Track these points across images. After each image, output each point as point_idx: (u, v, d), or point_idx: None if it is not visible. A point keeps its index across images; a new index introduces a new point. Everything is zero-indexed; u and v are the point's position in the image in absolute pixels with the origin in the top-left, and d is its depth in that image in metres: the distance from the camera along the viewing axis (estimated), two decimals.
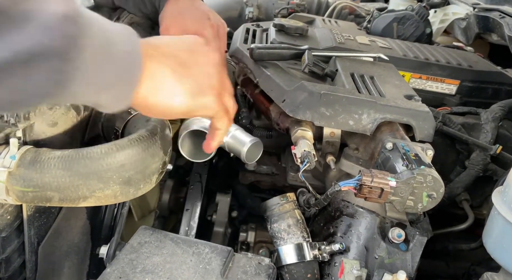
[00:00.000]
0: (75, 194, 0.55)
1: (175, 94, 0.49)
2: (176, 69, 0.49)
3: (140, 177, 0.59)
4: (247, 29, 1.07)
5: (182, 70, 0.49)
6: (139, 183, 0.59)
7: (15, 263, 0.64)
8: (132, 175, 0.58)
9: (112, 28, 0.43)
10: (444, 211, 0.91)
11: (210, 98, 0.52)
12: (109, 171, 0.56)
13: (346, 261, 0.58)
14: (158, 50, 0.48)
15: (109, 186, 0.56)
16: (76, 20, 0.37)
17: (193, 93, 0.50)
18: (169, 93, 0.48)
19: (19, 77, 0.34)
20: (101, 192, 0.56)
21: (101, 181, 0.56)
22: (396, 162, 0.58)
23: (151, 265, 0.54)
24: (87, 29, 0.38)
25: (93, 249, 0.77)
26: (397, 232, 0.61)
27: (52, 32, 0.35)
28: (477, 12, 1.24)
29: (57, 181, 0.54)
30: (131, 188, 0.59)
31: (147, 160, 0.59)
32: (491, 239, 0.56)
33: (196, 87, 0.50)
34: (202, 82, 0.51)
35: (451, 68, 1.02)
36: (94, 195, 0.56)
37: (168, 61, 0.49)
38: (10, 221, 0.61)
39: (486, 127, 0.87)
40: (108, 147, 0.56)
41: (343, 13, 1.57)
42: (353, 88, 0.72)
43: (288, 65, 0.85)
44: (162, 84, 0.47)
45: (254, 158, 0.75)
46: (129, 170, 0.57)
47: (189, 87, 0.50)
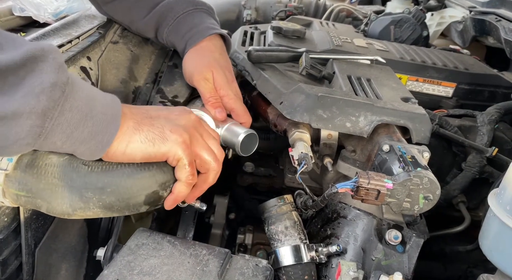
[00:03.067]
0: (60, 207, 0.53)
1: (130, 142, 0.53)
2: (140, 121, 0.54)
3: (123, 206, 0.54)
4: (245, 32, 1.08)
5: (147, 121, 0.55)
6: (123, 210, 0.55)
7: (12, 265, 0.64)
8: (113, 202, 0.53)
9: (99, 95, 0.51)
10: (441, 213, 0.91)
11: (169, 145, 0.54)
12: (89, 190, 0.52)
13: (343, 263, 0.58)
14: (132, 110, 0.55)
15: (89, 207, 0.53)
16: (64, 88, 0.45)
17: (151, 139, 0.54)
18: (126, 142, 0.52)
19: (4, 130, 0.42)
20: (82, 212, 0.53)
21: (82, 200, 0.52)
22: (393, 164, 0.59)
23: (149, 267, 0.54)
24: (73, 96, 0.46)
25: (91, 251, 0.77)
26: (394, 233, 0.61)
27: (39, 96, 0.42)
28: (474, 15, 1.25)
29: (50, 189, 0.52)
30: (114, 213, 0.55)
31: (132, 189, 0.53)
32: (487, 241, 0.56)
33: (157, 134, 0.54)
34: (166, 128, 0.55)
35: (447, 71, 1.03)
36: (76, 214, 0.54)
37: (136, 116, 0.55)
38: (7, 223, 0.61)
39: (482, 129, 0.87)
40: (95, 164, 0.53)
41: (341, 16, 1.58)
42: (350, 91, 0.72)
43: (286, 68, 0.86)
44: (122, 136, 0.52)
45: (250, 150, 0.73)
46: (110, 195, 0.53)
47: (148, 134, 0.54)
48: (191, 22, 0.82)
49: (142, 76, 0.87)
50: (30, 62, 0.42)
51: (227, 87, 0.75)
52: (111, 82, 0.79)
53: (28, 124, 0.42)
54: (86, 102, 0.48)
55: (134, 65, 0.86)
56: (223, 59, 0.81)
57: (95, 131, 0.49)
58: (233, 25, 1.53)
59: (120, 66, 0.82)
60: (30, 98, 0.42)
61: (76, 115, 0.47)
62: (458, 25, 1.34)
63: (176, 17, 0.81)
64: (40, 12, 1.10)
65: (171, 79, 0.85)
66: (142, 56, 0.90)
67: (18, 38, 0.45)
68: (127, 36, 0.89)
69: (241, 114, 0.75)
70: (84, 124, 0.48)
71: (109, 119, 0.51)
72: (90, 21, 0.86)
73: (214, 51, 0.81)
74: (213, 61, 0.77)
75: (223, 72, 0.77)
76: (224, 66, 0.79)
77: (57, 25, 0.79)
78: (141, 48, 0.91)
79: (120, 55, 0.84)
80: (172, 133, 0.55)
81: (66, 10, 1.11)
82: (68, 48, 0.73)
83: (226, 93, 0.75)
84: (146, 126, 0.54)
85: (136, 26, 0.86)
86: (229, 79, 0.77)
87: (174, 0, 0.82)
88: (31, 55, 0.42)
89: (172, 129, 0.55)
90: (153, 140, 0.54)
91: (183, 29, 0.82)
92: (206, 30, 0.81)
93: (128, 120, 0.53)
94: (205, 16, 0.84)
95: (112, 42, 0.84)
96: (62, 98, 0.45)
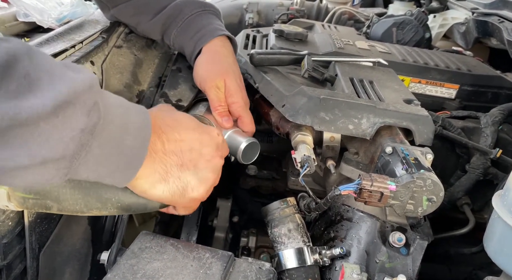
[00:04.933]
0: (72, 207, 0.54)
1: (156, 188, 0.54)
2: (169, 170, 0.55)
3: (140, 208, 0.57)
4: (247, 35, 1.08)
5: (175, 171, 0.55)
6: (138, 211, 0.58)
7: (16, 269, 0.64)
8: (132, 204, 0.56)
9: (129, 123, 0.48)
10: (445, 215, 0.91)
11: (186, 200, 0.58)
12: (109, 192, 0.54)
13: (347, 266, 0.58)
14: (164, 144, 0.54)
15: (106, 207, 0.55)
16: (93, 130, 0.43)
17: (172, 192, 0.55)
18: (151, 185, 0.54)
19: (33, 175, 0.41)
20: (98, 211, 0.55)
21: (100, 201, 0.54)
22: (396, 166, 0.59)
23: (152, 270, 0.54)
24: (101, 134, 0.44)
25: (94, 255, 0.77)
26: (398, 236, 0.61)
27: (68, 144, 0.41)
28: (476, 16, 1.25)
29: (57, 191, 0.54)
30: (128, 212, 0.58)
31: None
32: (492, 243, 0.55)
33: (180, 190, 0.56)
34: (189, 186, 0.57)
35: (450, 73, 1.03)
36: (91, 212, 0.55)
37: (167, 159, 0.54)
38: (12, 227, 0.61)
39: (486, 131, 0.87)
40: None
41: (343, 19, 1.58)
42: (352, 93, 0.72)
43: (288, 71, 0.86)
44: (148, 177, 0.53)
45: (251, 158, 0.74)
46: (130, 198, 0.55)
47: (172, 187, 0.55)
48: (199, 23, 0.82)
49: (146, 80, 0.88)
50: (62, 108, 0.40)
51: (238, 94, 0.76)
52: (115, 86, 0.79)
53: (55, 168, 0.42)
54: (116, 137, 0.47)
55: (138, 69, 0.87)
56: (236, 66, 0.81)
57: (121, 166, 0.49)
58: (236, 28, 1.54)
59: (123, 71, 0.83)
60: (60, 146, 0.40)
61: (103, 151, 0.46)
62: (460, 26, 1.34)
63: (185, 18, 0.82)
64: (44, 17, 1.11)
65: (174, 83, 0.85)
66: (146, 60, 0.90)
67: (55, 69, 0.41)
68: (130, 40, 0.89)
69: (246, 123, 0.76)
70: (110, 159, 0.47)
71: (135, 153, 0.50)
72: (93, 26, 0.86)
73: (228, 56, 0.81)
74: (227, 68, 0.78)
75: (235, 79, 0.77)
76: (237, 73, 0.79)
77: (61, 30, 0.80)
78: (144, 52, 0.91)
79: (123, 59, 0.84)
80: (193, 192, 0.57)
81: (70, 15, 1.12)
82: (71, 53, 0.73)
83: (236, 101, 0.75)
84: (173, 179, 0.55)
85: (143, 27, 0.86)
86: (240, 86, 0.78)
87: (182, 2, 0.82)
88: (63, 100, 0.39)
89: (194, 188, 0.57)
90: (173, 194, 0.56)
91: (192, 31, 0.82)
92: (215, 31, 0.81)
93: (158, 164, 0.53)
94: (213, 18, 0.85)
95: (116, 46, 0.85)
96: (91, 140, 0.43)
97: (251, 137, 0.73)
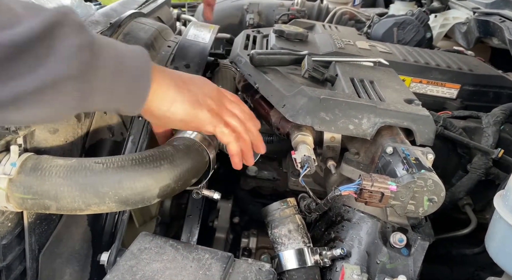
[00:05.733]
0: (71, 205, 0.55)
1: (176, 101, 0.56)
2: (178, 83, 0.57)
3: (138, 199, 0.57)
4: (248, 35, 1.08)
5: (183, 85, 0.57)
6: (137, 204, 0.58)
7: (16, 270, 0.64)
8: (129, 195, 0.56)
9: (125, 48, 0.51)
10: (446, 216, 0.90)
11: (205, 112, 0.59)
12: (105, 185, 0.55)
13: (347, 266, 0.57)
14: (164, 69, 0.57)
15: (104, 202, 0.55)
16: (90, 48, 0.44)
17: (191, 102, 0.57)
18: (171, 100, 0.55)
19: (49, 99, 0.42)
20: (96, 207, 0.56)
21: (97, 196, 0.55)
22: (397, 166, 0.58)
23: (151, 271, 0.54)
24: (101, 54, 0.46)
25: (94, 256, 0.77)
26: (399, 236, 0.60)
27: (69, 62, 0.42)
28: (477, 16, 1.25)
29: (55, 190, 0.54)
30: (127, 206, 0.58)
31: (148, 183, 0.57)
32: (494, 243, 0.55)
33: (194, 99, 0.58)
34: (199, 98, 0.59)
35: (451, 72, 1.02)
36: (89, 209, 0.56)
37: (172, 76, 0.57)
38: (11, 228, 0.61)
39: (487, 131, 0.87)
40: (111, 161, 0.56)
41: (343, 19, 1.57)
42: (353, 93, 0.72)
43: (288, 71, 0.86)
44: (166, 93, 0.55)
45: None
46: (126, 189, 0.56)
47: (188, 98, 0.57)
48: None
49: None
50: (53, 28, 0.42)
51: None
52: None
53: (69, 89, 0.43)
54: (116, 58, 0.48)
55: None
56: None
57: (130, 85, 0.50)
58: (236, 29, 1.53)
59: None
60: (62, 64, 0.42)
61: (109, 72, 0.47)
62: (462, 26, 1.34)
63: None
64: None
65: None
66: None
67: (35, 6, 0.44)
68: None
69: None
70: (118, 80, 0.48)
71: (140, 73, 0.51)
72: (93, 27, 0.86)
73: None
74: None
75: None
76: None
77: None
78: None
79: None
80: (205, 101, 0.59)
81: None
82: None
83: None
84: (186, 90, 0.57)
85: None
86: None
87: None
88: (51, 21, 0.42)
89: (204, 98, 0.59)
90: (193, 104, 0.57)
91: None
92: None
93: (166, 78, 0.55)
94: None
95: None
96: (92, 57, 0.44)
97: None
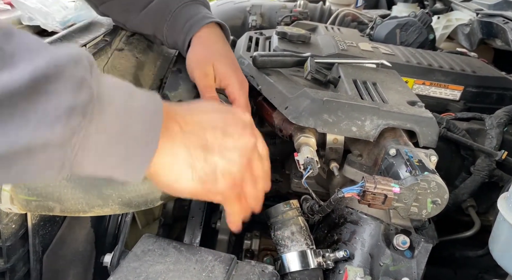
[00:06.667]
0: (74, 207, 0.55)
1: (182, 178, 0.47)
2: (193, 152, 0.46)
3: (141, 201, 0.58)
4: (250, 37, 1.08)
5: (200, 153, 0.47)
6: (140, 206, 0.58)
7: (20, 272, 0.64)
8: (132, 198, 0.56)
9: (134, 103, 0.41)
10: (450, 218, 0.90)
11: (221, 186, 0.49)
12: (109, 188, 0.55)
13: (350, 269, 0.57)
14: (182, 126, 0.46)
15: (107, 204, 0.56)
16: (85, 110, 0.36)
17: (203, 180, 0.47)
18: (177, 175, 0.46)
19: (20, 165, 0.34)
20: (99, 209, 0.56)
21: (101, 198, 0.55)
22: (400, 168, 0.58)
23: (154, 273, 0.54)
24: (98, 117, 0.37)
25: (97, 258, 0.77)
26: (402, 239, 0.60)
27: (53, 125, 0.34)
28: (481, 18, 1.24)
29: (59, 192, 0.54)
30: (131, 208, 0.58)
31: (151, 185, 0.57)
32: (497, 245, 0.55)
33: (209, 174, 0.48)
34: (218, 170, 0.48)
35: (454, 74, 1.02)
36: (93, 211, 0.56)
37: (188, 141, 0.46)
38: (15, 230, 0.61)
39: (491, 133, 0.86)
40: None
41: (346, 20, 1.57)
42: (355, 95, 0.72)
43: (291, 73, 0.86)
44: (171, 166, 0.46)
45: None
46: (130, 191, 0.56)
47: (201, 173, 0.47)
48: (187, 14, 0.81)
49: (148, 82, 0.88)
50: (41, 83, 0.34)
51: (231, 76, 0.74)
52: None
53: (44, 158, 0.35)
54: (119, 119, 0.39)
55: (140, 72, 0.87)
56: (226, 49, 0.79)
57: (130, 152, 0.41)
58: (239, 31, 1.54)
59: (125, 73, 0.83)
60: (42, 129, 0.34)
61: (104, 137, 0.38)
62: (465, 28, 1.34)
63: (172, 11, 0.81)
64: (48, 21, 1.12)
65: (175, 84, 0.85)
66: (147, 63, 0.91)
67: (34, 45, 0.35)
68: (132, 43, 0.89)
69: (241, 106, 0.74)
70: (115, 147, 0.40)
71: (145, 138, 0.42)
72: (97, 29, 0.87)
73: (217, 41, 0.79)
74: (214, 52, 0.76)
75: (226, 62, 0.75)
76: (227, 55, 0.77)
77: (65, 33, 0.81)
78: (146, 54, 0.91)
79: (125, 62, 0.85)
80: (224, 177, 0.48)
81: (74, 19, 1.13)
82: None
83: (230, 83, 0.74)
84: (199, 163, 0.47)
85: (131, 24, 0.86)
86: (233, 68, 0.76)
87: None
88: (42, 74, 0.34)
89: (225, 172, 0.48)
90: (204, 181, 0.47)
91: (180, 23, 0.80)
92: (203, 19, 0.80)
93: (178, 148, 0.45)
94: (201, 7, 0.84)
95: (118, 49, 0.85)
96: (85, 122, 0.36)
97: None
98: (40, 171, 0.36)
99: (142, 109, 0.42)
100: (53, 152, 0.35)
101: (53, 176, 0.37)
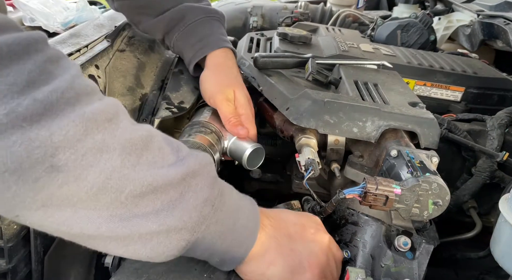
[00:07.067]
0: None
1: (274, 265, 0.52)
2: (281, 242, 0.53)
3: None
4: (251, 38, 1.08)
5: (287, 242, 0.54)
6: None
7: (21, 272, 0.64)
8: None
9: (242, 202, 0.52)
10: (451, 219, 0.90)
11: (308, 276, 0.53)
12: None
13: (351, 270, 0.57)
14: (270, 220, 0.54)
15: None
16: (214, 202, 0.45)
17: (292, 268, 0.53)
18: (268, 263, 0.52)
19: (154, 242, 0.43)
20: None
21: None
22: (401, 169, 0.58)
23: (156, 274, 0.54)
24: (220, 207, 0.46)
25: (99, 258, 0.77)
26: (403, 240, 0.60)
27: (191, 213, 0.43)
28: (482, 19, 1.24)
29: None
30: None
31: None
32: (499, 247, 0.55)
33: (297, 263, 0.53)
34: (304, 259, 0.54)
35: (455, 75, 1.02)
36: None
37: (276, 232, 0.53)
38: (17, 231, 0.61)
39: (492, 134, 0.86)
40: None
41: (347, 21, 1.57)
42: (357, 96, 0.72)
43: (292, 74, 0.86)
44: (264, 255, 0.52)
45: (256, 164, 0.75)
46: None
47: (288, 261, 0.53)
48: (202, 32, 0.82)
49: (149, 83, 0.88)
50: (189, 177, 0.43)
51: (246, 106, 0.76)
52: (118, 90, 0.80)
53: (177, 238, 0.43)
54: (231, 214, 0.49)
55: (141, 72, 0.87)
56: (240, 77, 0.82)
57: (234, 244, 0.49)
58: (240, 32, 1.54)
59: (127, 74, 0.83)
60: (184, 215, 0.43)
61: (220, 228, 0.47)
62: (466, 29, 1.34)
63: (188, 24, 0.82)
64: (49, 22, 1.12)
65: (176, 85, 0.86)
66: (149, 64, 0.91)
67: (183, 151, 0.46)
68: (133, 44, 0.90)
69: (252, 137, 0.77)
70: (225, 237, 0.48)
71: (248, 234, 0.50)
72: (98, 30, 0.87)
73: (233, 67, 0.81)
74: (233, 79, 0.78)
75: (244, 91, 0.78)
76: (243, 84, 0.80)
77: (66, 34, 0.81)
78: (147, 56, 0.91)
79: (126, 63, 0.85)
80: (310, 266, 0.54)
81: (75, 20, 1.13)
82: (76, 57, 0.74)
83: (244, 112, 0.75)
84: (287, 252, 0.53)
85: (144, 26, 0.87)
86: (248, 98, 0.79)
87: (186, 7, 0.82)
88: (190, 171, 0.44)
89: (310, 261, 0.54)
90: (292, 271, 0.53)
91: (193, 38, 0.82)
92: (218, 42, 0.81)
93: (270, 238, 0.52)
94: (217, 26, 0.84)
95: (119, 50, 0.85)
96: (211, 213, 0.45)
97: (256, 143, 0.73)
98: (168, 250, 0.44)
99: (246, 205, 0.52)
100: (185, 234, 0.44)
101: (174, 254, 0.45)
